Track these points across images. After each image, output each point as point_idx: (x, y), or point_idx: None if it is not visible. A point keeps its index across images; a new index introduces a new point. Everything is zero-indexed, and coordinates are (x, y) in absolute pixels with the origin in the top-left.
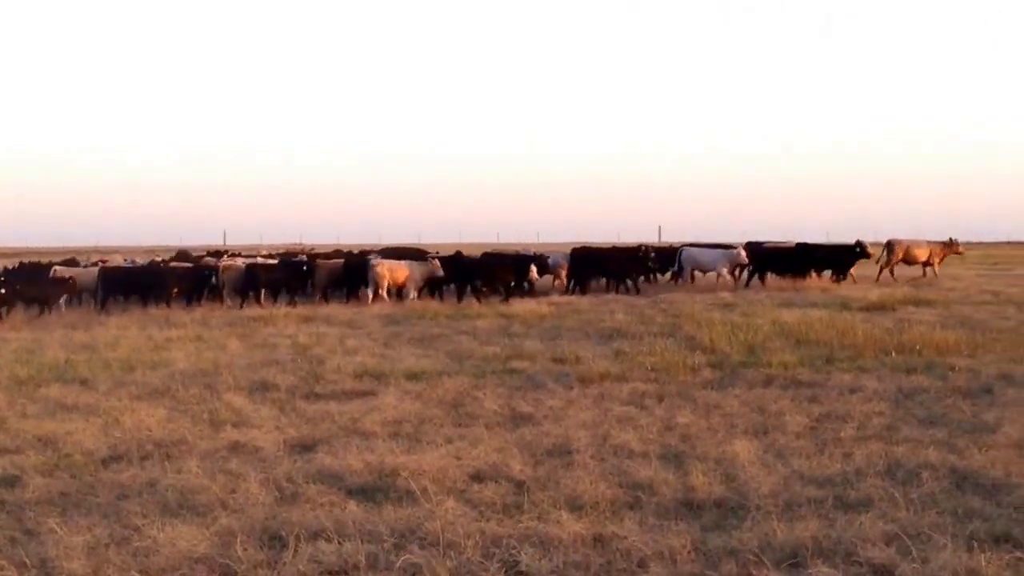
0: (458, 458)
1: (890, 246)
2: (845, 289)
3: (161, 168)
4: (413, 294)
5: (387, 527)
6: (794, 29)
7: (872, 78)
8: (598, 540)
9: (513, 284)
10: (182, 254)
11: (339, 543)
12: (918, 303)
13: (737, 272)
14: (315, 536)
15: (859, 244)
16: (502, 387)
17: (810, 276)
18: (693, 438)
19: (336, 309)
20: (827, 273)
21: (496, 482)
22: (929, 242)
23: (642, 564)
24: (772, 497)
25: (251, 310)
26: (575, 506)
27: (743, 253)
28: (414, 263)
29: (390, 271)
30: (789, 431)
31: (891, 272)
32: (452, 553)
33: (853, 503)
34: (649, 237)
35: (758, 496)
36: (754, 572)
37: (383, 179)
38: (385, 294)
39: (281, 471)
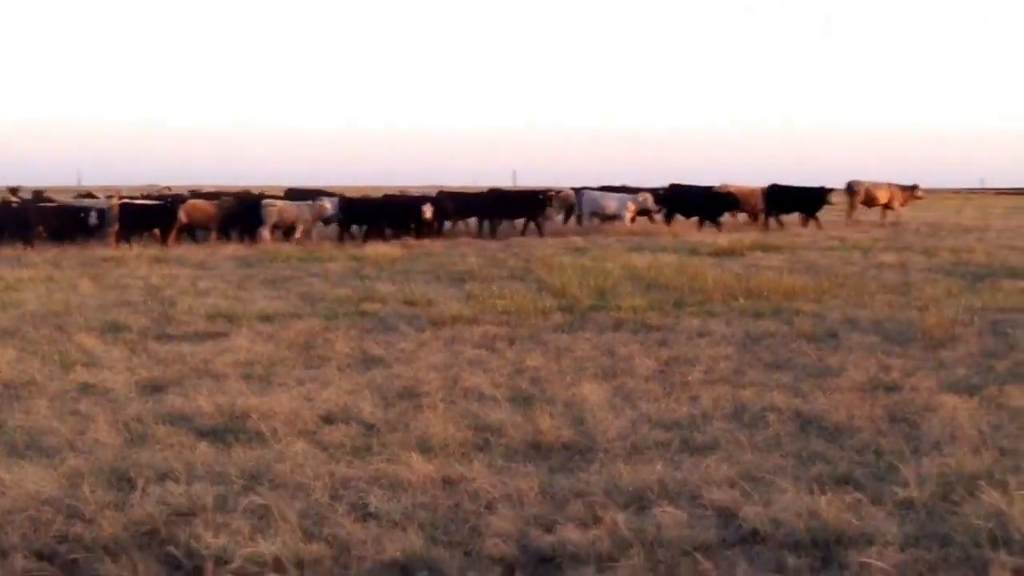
0: (309, 400)
1: (851, 188)
2: (697, 235)
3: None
4: (298, 234)
5: (236, 468)
6: None
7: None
8: (447, 482)
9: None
10: (38, 195)
11: (187, 484)
12: (766, 249)
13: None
14: (163, 477)
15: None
16: (354, 329)
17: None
18: (543, 381)
19: (189, 251)
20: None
21: (346, 424)
22: (890, 185)
23: (490, 506)
24: (619, 440)
25: (104, 251)
26: (425, 448)
27: (650, 198)
28: (303, 204)
29: (279, 211)
30: (638, 374)
31: (850, 213)
32: (301, 495)
33: (699, 446)
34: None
35: (605, 439)
36: (600, 513)
37: None
38: (268, 234)
39: (131, 412)
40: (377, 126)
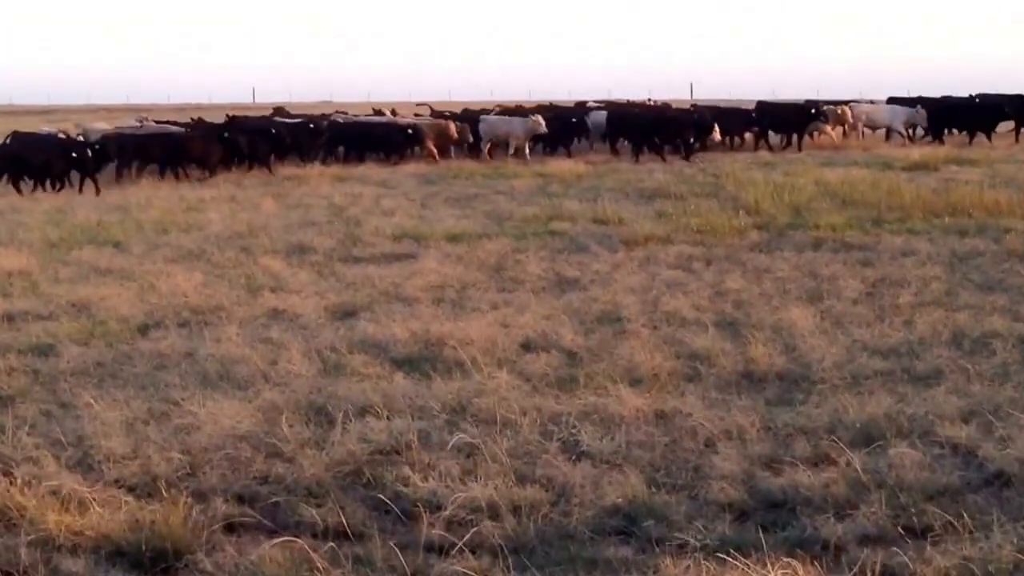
0: (505, 326)
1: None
2: (886, 148)
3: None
4: (511, 150)
5: (437, 402)
6: None
7: None
8: (660, 416)
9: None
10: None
11: (388, 419)
12: (961, 163)
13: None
14: (362, 412)
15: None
16: (544, 250)
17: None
18: (746, 305)
19: (370, 169)
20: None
21: (547, 352)
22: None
23: (710, 444)
24: (836, 370)
25: (285, 169)
26: (633, 379)
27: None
28: (516, 119)
29: (491, 127)
30: (845, 297)
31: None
32: (508, 432)
33: (922, 376)
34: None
35: (821, 368)
36: (832, 454)
37: None
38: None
39: (323, 340)
40: None
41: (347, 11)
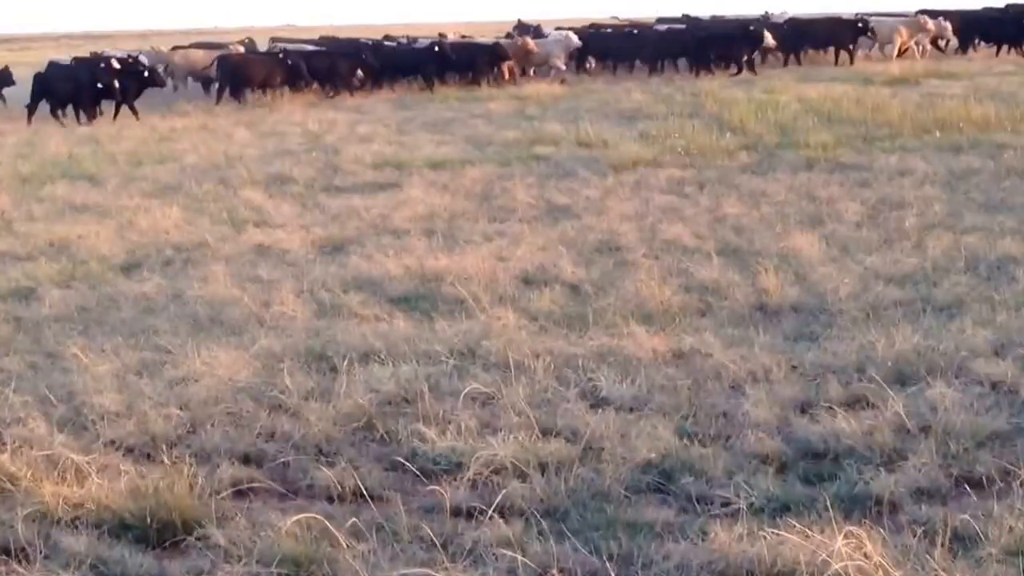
0: (502, 259)
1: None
2: (863, 64)
3: None
4: (554, 73)
5: (443, 346)
6: None
7: None
8: (679, 357)
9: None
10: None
11: (393, 365)
12: (941, 76)
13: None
14: (365, 358)
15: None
16: (531, 176)
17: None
18: (747, 230)
19: (343, 94)
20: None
21: (549, 287)
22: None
23: (736, 387)
24: (853, 300)
25: (253, 97)
26: (643, 316)
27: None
28: (549, 40)
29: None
30: (847, 220)
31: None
32: (523, 378)
33: (944, 305)
34: None
35: (837, 299)
36: (867, 396)
37: None
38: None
39: (315, 277)
40: None
41: None
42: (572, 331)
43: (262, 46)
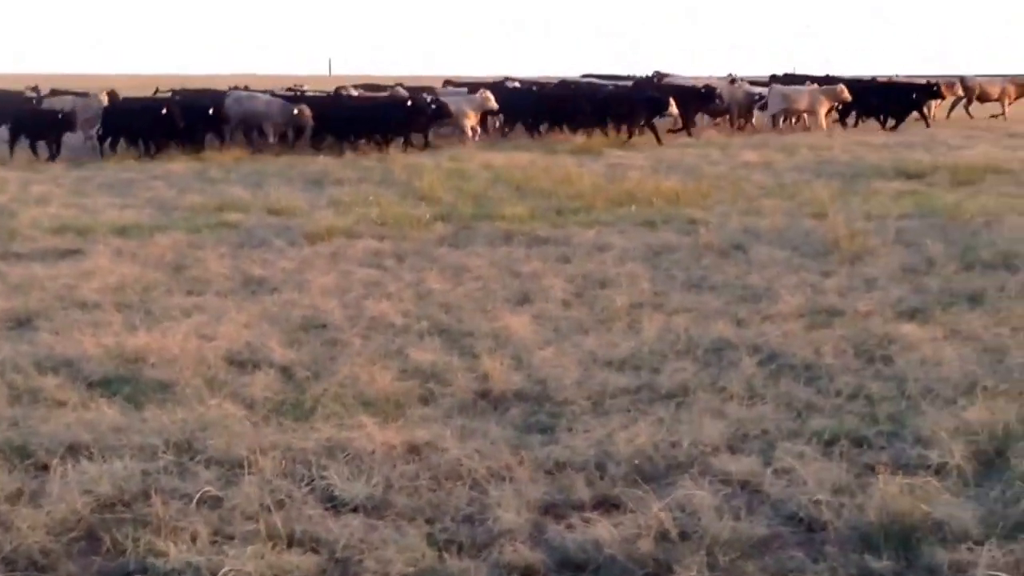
0: (206, 337)
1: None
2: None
3: None
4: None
5: (158, 438)
6: None
7: None
8: (413, 452)
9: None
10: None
11: (105, 461)
12: (624, 146)
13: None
14: (73, 452)
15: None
16: (223, 245)
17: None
18: (455, 308)
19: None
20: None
21: (260, 369)
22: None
23: (480, 488)
24: (577, 388)
25: None
26: (365, 403)
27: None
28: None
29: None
30: (555, 298)
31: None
32: (251, 477)
33: (669, 394)
34: None
35: (562, 386)
36: (618, 495)
37: None
38: None
39: (3, 358)
40: None
41: None
42: (295, 421)
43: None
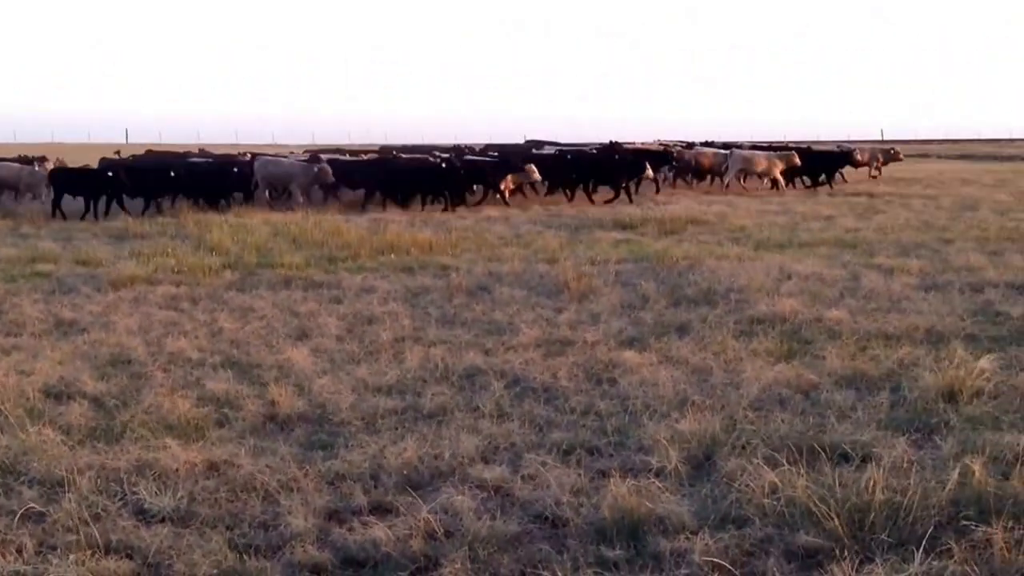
0: (25, 373)
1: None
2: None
3: None
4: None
5: None
6: None
7: None
8: (213, 468)
9: None
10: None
11: None
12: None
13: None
14: None
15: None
16: (36, 292)
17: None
18: (244, 344)
19: None
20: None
21: (74, 400)
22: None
23: (271, 499)
24: (352, 410)
25: None
26: (168, 427)
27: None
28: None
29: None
30: (329, 334)
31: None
32: (70, 495)
33: (431, 414)
34: None
35: (339, 409)
36: (391, 501)
37: None
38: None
39: None
40: None
41: None
42: (107, 444)
43: None
